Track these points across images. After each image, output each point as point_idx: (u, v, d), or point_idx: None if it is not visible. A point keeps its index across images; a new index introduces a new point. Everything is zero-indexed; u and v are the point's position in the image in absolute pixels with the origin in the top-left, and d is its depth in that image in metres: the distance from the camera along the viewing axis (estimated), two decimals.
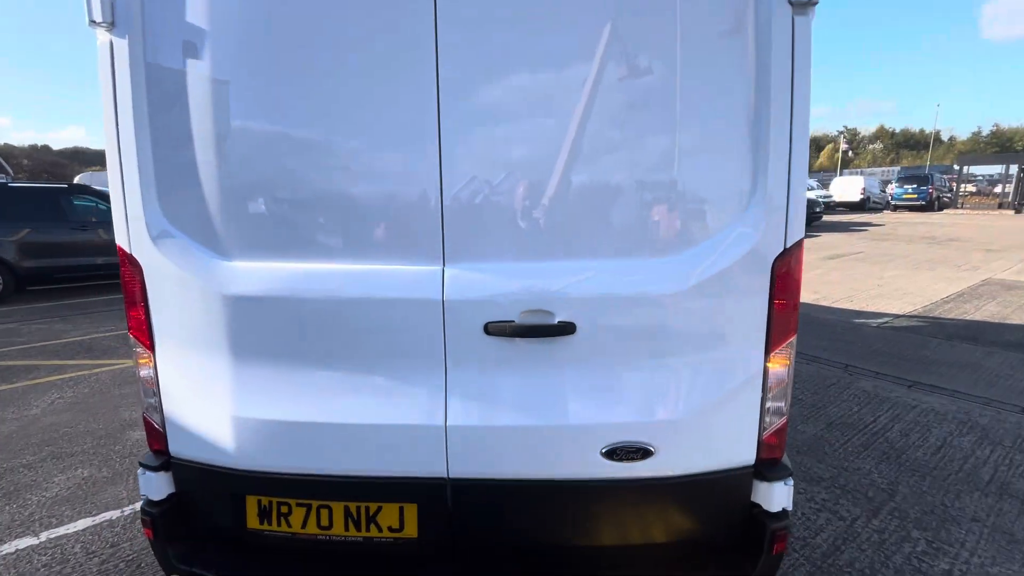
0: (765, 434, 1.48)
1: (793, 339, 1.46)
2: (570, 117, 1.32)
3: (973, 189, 31.81)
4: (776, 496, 1.48)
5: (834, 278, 8.82)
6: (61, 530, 2.58)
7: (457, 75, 1.30)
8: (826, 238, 15.03)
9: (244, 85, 1.40)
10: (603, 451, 1.41)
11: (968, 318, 6.16)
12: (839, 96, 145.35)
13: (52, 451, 3.36)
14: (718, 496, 1.50)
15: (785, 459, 1.53)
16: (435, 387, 1.41)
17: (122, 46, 1.38)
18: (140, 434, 3.57)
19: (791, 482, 1.50)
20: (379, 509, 1.50)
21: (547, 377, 1.40)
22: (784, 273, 1.39)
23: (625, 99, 1.34)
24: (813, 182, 28.70)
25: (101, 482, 3.00)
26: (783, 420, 1.50)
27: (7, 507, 2.77)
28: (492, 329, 1.36)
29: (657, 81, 1.33)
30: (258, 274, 1.43)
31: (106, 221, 8.60)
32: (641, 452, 1.41)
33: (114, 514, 2.70)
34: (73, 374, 4.79)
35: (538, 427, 1.41)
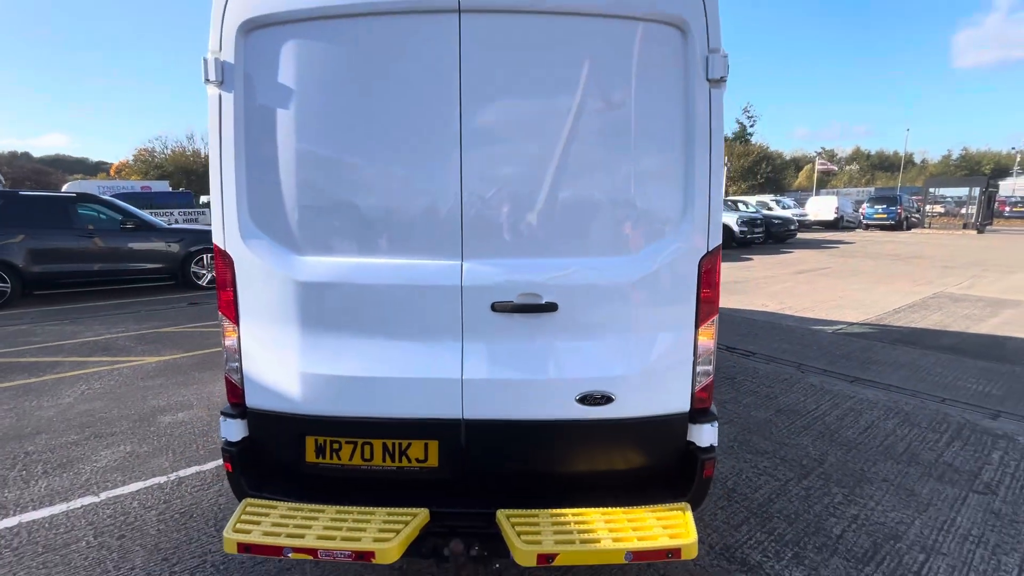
0: (696, 389, 2.00)
1: (715, 318, 1.99)
2: (546, 156, 1.86)
3: (941, 210, 33.25)
4: (705, 435, 2.00)
5: (800, 291, 9.50)
6: (117, 491, 3.00)
7: (475, 127, 1.83)
8: (798, 254, 15.85)
9: (313, 126, 1.91)
10: (577, 398, 1.92)
11: (913, 326, 6.82)
12: (816, 119, 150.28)
13: (93, 432, 3.77)
14: (662, 434, 2.02)
15: (712, 408, 2.05)
16: (454, 349, 1.92)
17: (228, 98, 1.89)
18: (171, 418, 3.99)
19: (716, 424, 2.02)
20: (409, 444, 1.99)
21: (536, 342, 1.92)
22: (707, 269, 1.93)
23: (596, 145, 1.88)
24: (789, 201, 29.88)
25: (144, 455, 3.42)
26: (710, 379, 2.02)
27: (64, 475, 3.18)
28: (497, 307, 1.88)
29: (619, 130, 1.87)
30: (323, 266, 1.93)
31: (110, 230, 8.97)
32: (605, 398, 1.92)
33: (161, 479, 3.13)
34: (95, 369, 5.16)
35: (529, 380, 1.92)
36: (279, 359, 2.00)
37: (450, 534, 1.91)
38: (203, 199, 37.56)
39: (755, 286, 10.02)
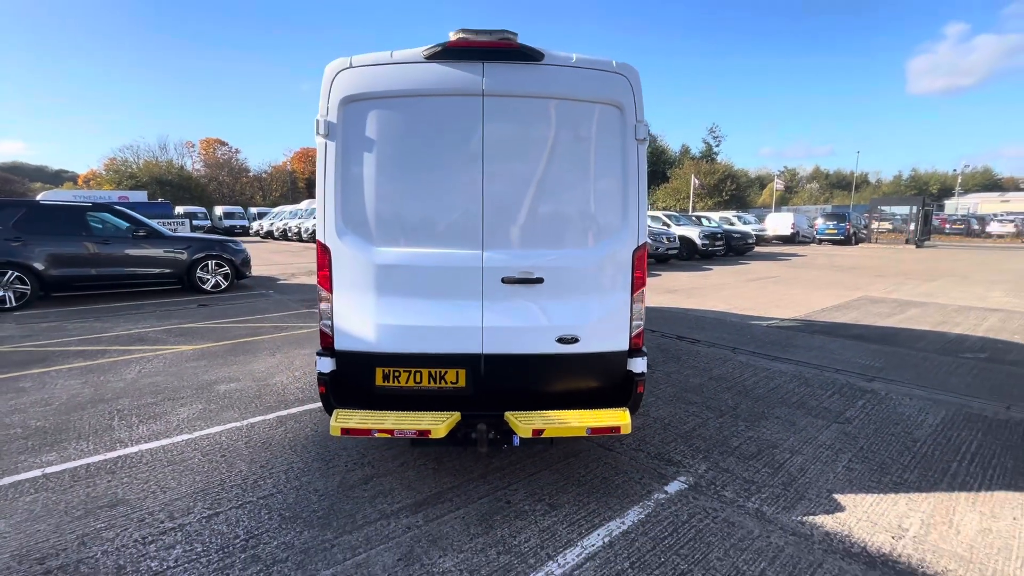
0: (632, 335, 3.10)
1: (644, 289, 3.09)
2: (536, 184, 2.95)
3: (889, 226, 36.00)
4: (638, 365, 3.09)
5: (748, 295, 10.84)
6: (205, 431, 3.91)
7: (491, 161, 2.90)
8: (753, 265, 17.40)
9: (385, 162, 2.95)
10: (556, 339, 2.99)
11: (833, 320, 8.16)
12: (781, 139, 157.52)
13: (165, 396, 4.65)
14: (611, 365, 3.10)
15: (643, 348, 3.15)
16: (476, 307, 2.96)
17: (331, 145, 2.92)
18: (227, 387, 4.89)
19: (645, 359, 3.11)
20: (446, 372, 3.01)
21: (531, 303, 2.98)
22: (638, 257, 3.04)
23: (567, 178, 2.98)
24: (750, 217, 31.92)
25: (215, 410, 4.33)
26: (641, 329, 3.12)
27: (157, 423, 4.07)
28: (505, 280, 2.94)
29: (583, 169, 2.98)
30: (391, 253, 2.96)
31: (123, 237, 9.70)
32: (573, 339, 3.00)
33: (236, 424, 4.05)
34: (141, 355, 5.99)
35: (525, 326, 2.98)
36: (359, 315, 3.01)
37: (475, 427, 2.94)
38: (179, 209, 37.58)
39: (711, 291, 11.32)
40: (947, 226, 41.13)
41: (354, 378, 3.08)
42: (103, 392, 4.74)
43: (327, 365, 3.05)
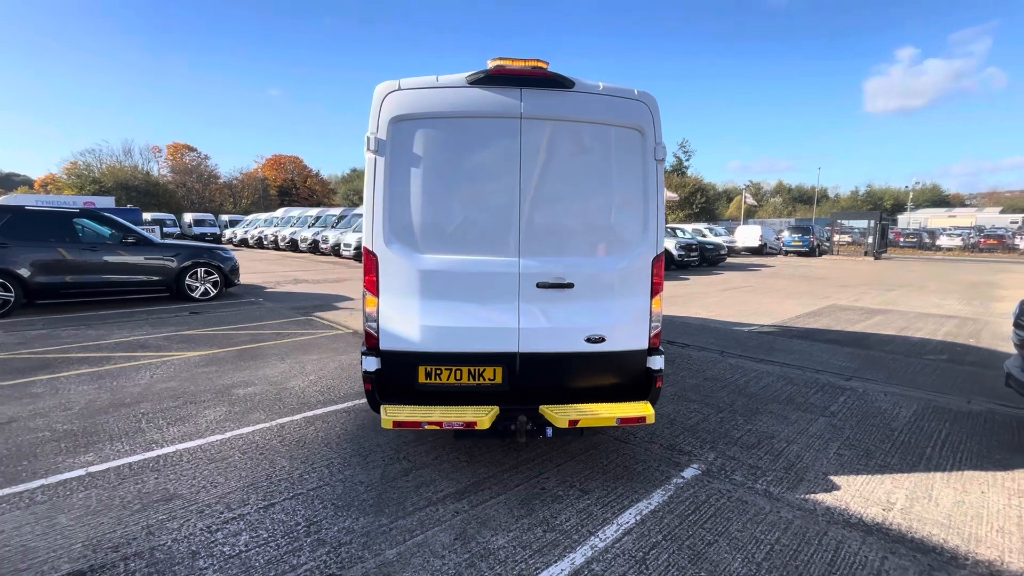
0: (651, 335, 3.43)
1: (661, 293, 3.43)
2: (567, 198, 3.26)
3: (849, 239, 37.92)
4: (657, 362, 3.42)
5: (726, 303, 11.41)
6: (237, 432, 4.04)
7: (527, 177, 3.20)
8: (727, 275, 18.16)
9: (430, 177, 3.21)
10: (584, 338, 3.29)
11: (807, 327, 8.73)
12: (748, 153, 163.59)
13: (186, 400, 4.73)
14: (632, 362, 3.41)
15: (661, 347, 3.48)
16: (513, 310, 3.24)
17: (380, 161, 3.17)
18: (245, 391, 5.00)
19: (663, 357, 3.44)
20: (484, 369, 3.27)
21: (562, 306, 3.28)
22: (656, 265, 3.38)
23: (595, 193, 3.31)
24: (721, 229, 33.15)
25: (240, 412, 4.45)
26: (659, 330, 3.45)
27: (186, 425, 4.17)
28: (540, 285, 3.23)
29: (608, 186, 3.31)
30: (434, 260, 3.22)
31: (111, 244, 9.56)
32: (600, 339, 3.30)
33: (265, 424, 4.19)
34: (147, 361, 6.00)
35: (558, 328, 3.27)
36: (404, 317, 3.25)
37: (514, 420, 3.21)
38: (147, 216, 36.44)
39: (691, 299, 11.86)
40: (901, 239, 43.48)
41: (397, 376, 3.31)
42: (121, 397, 4.79)
43: (373, 364, 3.27)
